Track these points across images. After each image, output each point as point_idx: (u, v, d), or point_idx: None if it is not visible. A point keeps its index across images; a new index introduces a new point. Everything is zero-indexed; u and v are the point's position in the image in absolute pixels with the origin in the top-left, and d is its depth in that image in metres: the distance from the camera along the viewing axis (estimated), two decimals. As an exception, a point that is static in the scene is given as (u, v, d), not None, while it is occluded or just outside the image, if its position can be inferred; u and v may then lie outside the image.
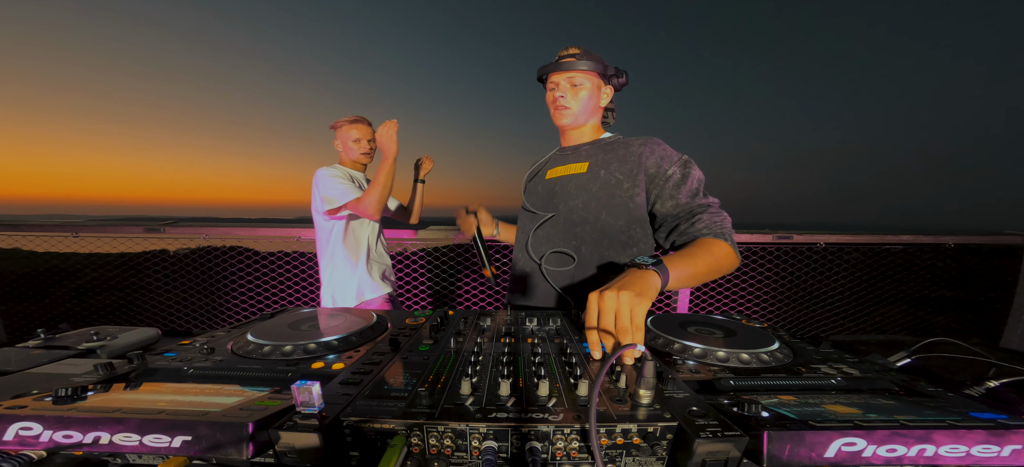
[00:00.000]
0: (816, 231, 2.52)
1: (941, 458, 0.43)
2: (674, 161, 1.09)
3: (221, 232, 2.47)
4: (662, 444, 0.47)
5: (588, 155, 1.21)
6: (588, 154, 1.22)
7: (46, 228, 2.44)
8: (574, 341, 0.79)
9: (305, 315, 0.95)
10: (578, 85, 1.18)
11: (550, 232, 1.23)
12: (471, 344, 0.74)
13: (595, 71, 1.17)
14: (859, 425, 0.44)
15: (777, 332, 0.88)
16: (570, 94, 1.19)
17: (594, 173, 1.17)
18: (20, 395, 0.51)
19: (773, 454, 0.42)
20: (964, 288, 3.21)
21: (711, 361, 0.71)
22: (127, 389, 0.56)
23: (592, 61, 1.15)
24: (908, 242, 2.59)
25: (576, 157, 1.24)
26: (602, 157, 1.18)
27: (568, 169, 1.23)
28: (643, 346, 0.54)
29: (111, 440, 0.43)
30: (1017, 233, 2.51)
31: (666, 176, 1.08)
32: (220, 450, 0.43)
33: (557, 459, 0.48)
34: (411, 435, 0.47)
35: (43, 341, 0.90)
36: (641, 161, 1.11)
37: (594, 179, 1.16)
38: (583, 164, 1.20)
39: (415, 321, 0.92)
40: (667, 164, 1.09)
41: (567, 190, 1.20)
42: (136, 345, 0.92)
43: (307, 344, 0.73)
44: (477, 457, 0.47)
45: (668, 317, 0.95)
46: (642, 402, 0.51)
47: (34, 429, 0.44)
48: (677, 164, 1.09)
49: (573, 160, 1.24)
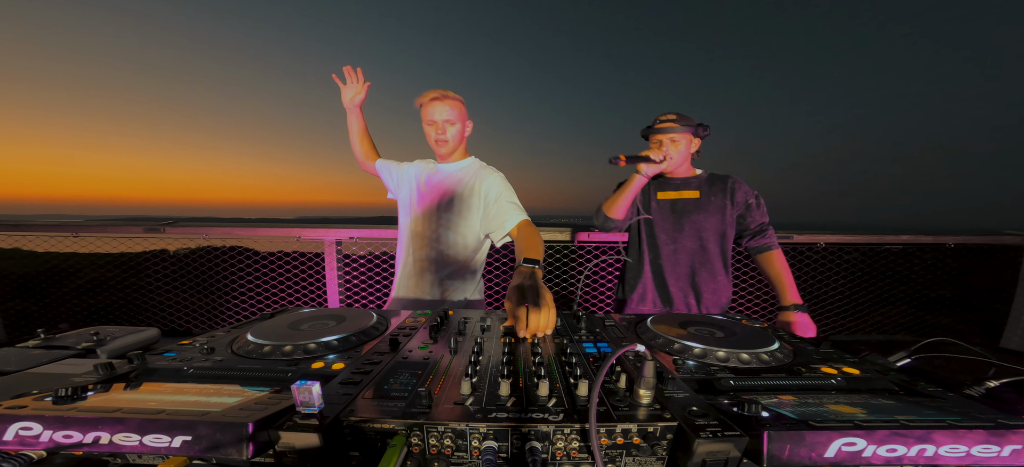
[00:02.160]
0: (816, 231, 2.52)
1: (941, 458, 0.43)
2: (753, 195, 1.61)
3: (221, 232, 2.46)
4: (662, 444, 0.47)
5: (697, 186, 1.64)
6: (697, 185, 1.64)
7: (46, 228, 2.44)
8: (574, 341, 0.79)
9: (305, 315, 0.95)
10: (676, 142, 1.58)
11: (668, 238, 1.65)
12: (471, 344, 0.74)
13: (688, 132, 1.58)
14: (859, 425, 0.44)
15: (777, 332, 0.88)
16: (672, 149, 1.59)
17: (706, 199, 1.61)
18: (20, 395, 0.51)
19: (773, 454, 0.42)
20: (964, 288, 3.21)
21: (711, 361, 0.71)
22: (127, 389, 0.56)
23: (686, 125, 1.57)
24: (908, 242, 2.59)
25: (687, 187, 1.66)
26: (709, 188, 1.62)
27: (681, 194, 1.65)
28: (643, 346, 0.54)
29: (111, 440, 0.43)
30: (1017, 233, 2.50)
31: (748, 203, 1.60)
32: (220, 450, 0.43)
33: (557, 459, 0.48)
34: (411, 435, 0.47)
35: (43, 341, 0.90)
36: (734, 193, 1.59)
37: (708, 203, 1.61)
38: (695, 192, 1.63)
39: (415, 321, 0.92)
40: (749, 196, 1.60)
41: (686, 210, 1.63)
42: (136, 345, 0.92)
43: (307, 344, 0.73)
44: (477, 457, 0.47)
45: (668, 317, 0.95)
46: (642, 402, 0.51)
47: (34, 429, 0.44)
48: (754, 197, 1.61)
49: (684, 188, 1.66)
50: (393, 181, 1.69)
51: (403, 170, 1.67)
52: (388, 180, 1.71)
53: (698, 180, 1.67)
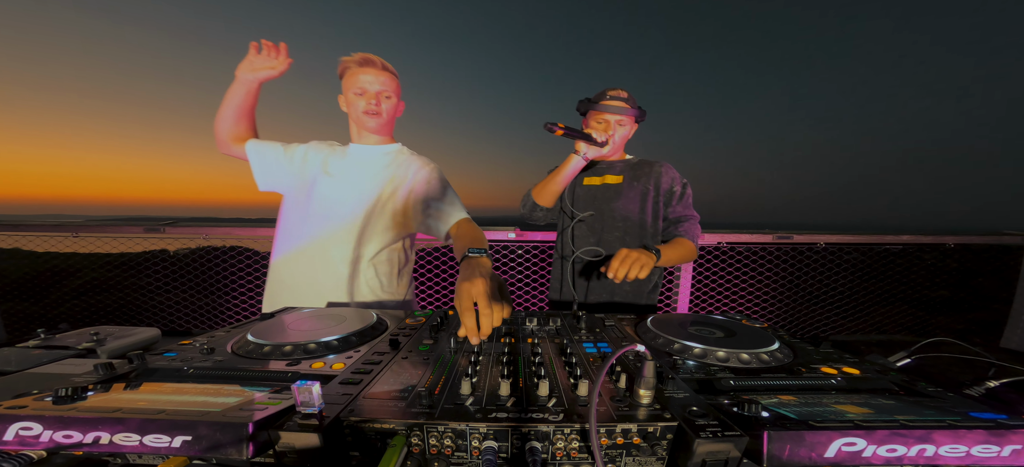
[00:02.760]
0: (816, 231, 2.52)
1: (941, 458, 0.43)
2: (679, 182, 1.49)
3: (221, 232, 2.46)
4: (662, 444, 0.47)
5: (622, 170, 1.52)
6: (622, 170, 1.52)
7: (46, 228, 2.44)
8: (574, 341, 0.79)
9: (305, 315, 0.95)
10: (623, 126, 1.45)
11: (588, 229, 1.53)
12: (471, 344, 0.74)
13: (635, 116, 1.45)
14: (859, 425, 0.44)
15: (777, 332, 0.88)
16: (618, 132, 1.45)
17: (629, 184, 1.49)
18: (20, 395, 0.51)
19: (773, 454, 0.42)
20: (964, 288, 3.21)
21: (711, 361, 0.71)
22: (127, 389, 0.56)
23: (636, 108, 1.44)
24: (908, 242, 2.59)
25: (611, 171, 1.53)
26: (633, 172, 1.51)
27: (605, 179, 1.52)
28: (643, 346, 0.54)
29: (111, 440, 0.43)
30: (1017, 233, 2.50)
31: (672, 192, 1.49)
32: (220, 450, 0.43)
33: (557, 459, 0.48)
34: (411, 435, 0.47)
35: (43, 341, 0.90)
36: (661, 179, 1.49)
37: (631, 188, 1.49)
38: (619, 177, 1.51)
39: (415, 321, 0.92)
40: (674, 184, 1.49)
41: (607, 195, 1.50)
42: (136, 345, 0.92)
43: (307, 344, 0.73)
44: (477, 457, 0.47)
45: (668, 317, 0.95)
46: (642, 402, 0.51)
47: (34, 429, 0.44)
48: (680, 184, 1.49)
49: (608, 173, 1.53)
50: (274, 167, 1.36)
51: (293, 153, 1.37)
52: (264, 166, 1.36)
53: (623, 165, 1.53)
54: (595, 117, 1.43)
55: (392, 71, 1.32)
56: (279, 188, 1.39)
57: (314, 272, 1.30)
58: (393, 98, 1.33)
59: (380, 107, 1.30)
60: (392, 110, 1.35)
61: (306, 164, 1.36)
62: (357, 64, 1.28)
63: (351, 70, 1.28)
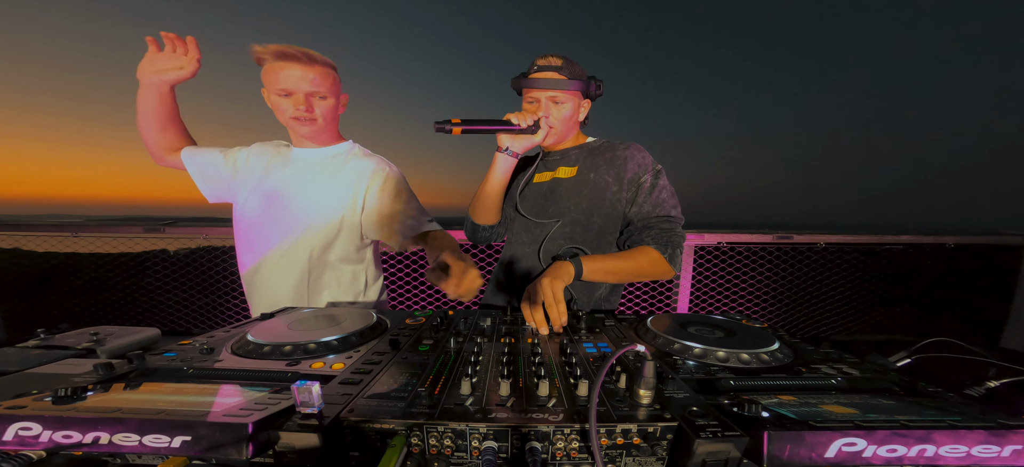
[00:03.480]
0: (816, 231, 2.52)
1: (941, 458, 0.43)
2: (648, 170, 1.14)
3: (221, 232, 2.47)
4: (662, 444, 0.47)
5: (577, 159, 1.20)
6: (577, 159, 1.20)
7: (46, 228, 2.44)
8: (574, 341, 0.79)
9: (305, 315, 0.95)
10: (561, 103, 1.10)
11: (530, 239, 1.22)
12: (471, 344, 0.74)
13: (578, 89, 1.10)
14: (859, 425, 0.44)
15: (777, 332, 0.88)
16: (554, 113, 1.11)
17: (583, 177, 1.17)
18: (20, 395, 0.51)
19: (773, 454, 0.42)
20: (964, 288, 3.21)
21: (711, 361, 0.71)
22: (127, 389, 0.56)
23: (576, 78, 1.08)
24: (908, 242, 2.59)
25: (565, 161, 1.21)
26: (590, 161, 1.18)
27: (557, 173, 1.21)
28: (643, 346, 0.54)
29: (111, 440, 0.43)
30: (1017, 233, 2.51)
31: (639, 183, 1.13)
32: (220, 450, 0.43)
33: (557, 459, 0.47)
34: (411, 435, 0.47)
35: (43, 341, 0.90)
36: (626, 165, 1.14)
37: (584, 182, 1.16)
38: (572, 169, 1.19)
39: (415, 321, 0.92)
40: (643, 171, 1.14)
41: (558, 194, 1.19)
42: (136, 345, 0.92)
43: (307, 344, 0.73)
44: (477, 457, 0.47)
45: (668, 317, 0.95)
46: (642, 402, 0.51)
47: (34, 429, 0.44)
48: (650, 173, 1.14)
49: (561, 164, 1.21)
50: (214, 176, 1.23)
51: (235, 159, 1.23)
52: (203, 176, 1.22)
53: (579, 153, 1.20)
54: (527, 95, 1.12)
55: (324, 62, 1.08)
56: (226, 197, 1.26)
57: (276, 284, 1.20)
58: (330, 97, 1.11)
59: (313, 111, 1.09)
60: (330, 111, 1.14)
61: (250, 171, 1.21)
62: (273, 57, 1.05)
63: (268, 64, 1.06)
